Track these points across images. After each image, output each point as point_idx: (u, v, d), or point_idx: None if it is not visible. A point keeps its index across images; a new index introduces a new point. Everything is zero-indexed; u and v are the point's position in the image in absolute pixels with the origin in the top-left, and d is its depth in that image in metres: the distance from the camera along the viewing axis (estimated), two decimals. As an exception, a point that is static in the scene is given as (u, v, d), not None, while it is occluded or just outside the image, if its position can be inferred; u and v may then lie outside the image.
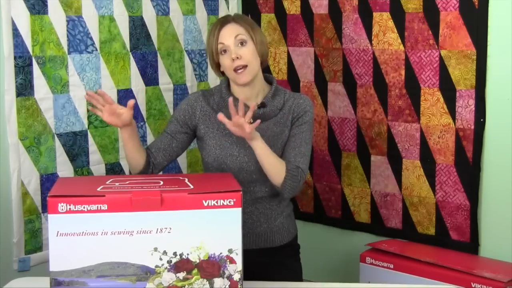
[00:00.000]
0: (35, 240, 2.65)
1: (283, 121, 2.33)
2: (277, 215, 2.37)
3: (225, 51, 2.28)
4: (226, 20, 2.32)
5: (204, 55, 3.26)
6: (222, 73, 2.37)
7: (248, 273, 1.97)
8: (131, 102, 2.19)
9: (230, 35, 2.27)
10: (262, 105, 2.31)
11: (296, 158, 2.27)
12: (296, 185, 2.25)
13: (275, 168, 2.23)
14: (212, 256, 1.74)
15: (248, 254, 2.07)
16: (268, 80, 2.39)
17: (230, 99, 2.10)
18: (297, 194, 2.35)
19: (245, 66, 2.25)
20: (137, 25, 2.94)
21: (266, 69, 3.27)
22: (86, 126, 2.79)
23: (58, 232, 1.67)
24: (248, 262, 1.98)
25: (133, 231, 1.70)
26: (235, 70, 2.25)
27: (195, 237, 1.72)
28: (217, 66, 2.35)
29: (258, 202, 2.33)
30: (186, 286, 1.74)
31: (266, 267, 2.36)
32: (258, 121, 2.12)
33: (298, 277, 2.43)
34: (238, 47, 2.26)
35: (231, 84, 2.36)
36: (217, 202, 1.72)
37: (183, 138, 2.37)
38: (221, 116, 2.11)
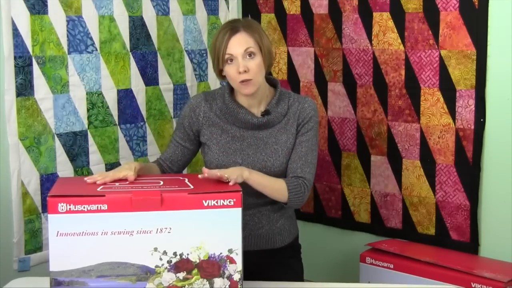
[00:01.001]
0: (35, 240, 2.65)
1: (288, 127, 2.30)
2: (278, 217, 2.36)
3: (231, 60, 2.22)
4: (236, 28, 2.23)
5: (204, 55, 3.26)
6: (223, 77, 2.33)
7: (250, 274, 1.97)
8: (130, 178, 2.00)
9: (239, 46, 2.20)
10: (266, 113, 2.28)
11: (303, 168, 2.26)
12: (301, 198, 2.24)
13: (276, 193, 2.22)
14: (212, 256, 1.74)
15: (249, 255, 2.07)
16: (272, 83, 2.36)
17: (205, 172, 1.94)
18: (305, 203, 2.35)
19: (250, 79, 2.20)
20: (137, 25, 2.94)
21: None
22: (86, 126, 2.79)
23: (58, 232, 1.67)
24: (249, 263, 1.97)
25: (133, 231, 1.70)
26: (240, 82, 2.21)
27: (195, 237, 1.72)
28: (219, 72, 2.29)
29: (260, 205, 2.32)
30: (186, 286, 1.74)
31: (268, 267, 2.36)
32: (234, 181, 1.97)
33: (299, 277, 2.42)
34: (246, 59, 2.20)
35: (234, 90, 2.33)
36: (217, 202, 1.72)
37: (193, 144, 2.36)
38: (205, 171, 1.96)
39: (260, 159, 2.26)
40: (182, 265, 1.72)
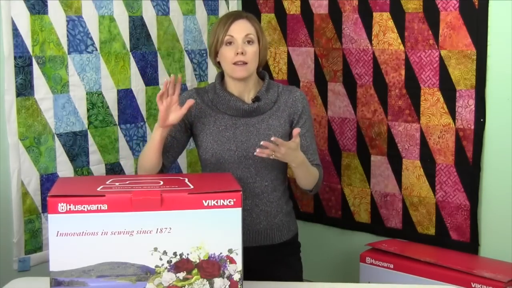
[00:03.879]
0: (35, 240, 2.65)
1: (278, 113, 2.36)
2: (276, 212, 2.38)
3: (230, 43, 2.30)
4: (240, 15, 2.35)
5: (204, 55, 3.26)
6: (218, 63, 2.39)
7: (249, 271, 1.97)
8: (191, 102, 2.22)
9: (241, 30, 2.30)
10: (256, 99, 2.35)
11: (313, 156, 2.37)
12: (320, 184, 2.39)
13: (312, 177, 2.33)
14: (212, 256, 1.74)
15: (248, 251, 2.08)
16: (260, 75, 2.43)
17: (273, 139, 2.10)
18: None
19: (245, 63, 2.28)
20: (137, 25, 2.94)
21: (266, 69, 3.27)
22: (86, 126, 2.79)
23: (58, 232, 1.67)
24: (248, 259, 1.98)
25: (133, 231, 1.70)
26: (235, 63, 2.28)
27: (195, 237, 1.72)
28: (215, 56, 2.37)
29: (257, 197, 2.34)
30: (186, 286, 1.74)
31: (267, 264, 2.37)
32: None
33: (298, 275, 2.43)
34: (245, 44, 2.30)
35: (225, 80, 2.38)
36: (217, 202, 1.72)
37: (183, 137, 2.39)
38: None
39: (253, 145, 2.30)
40: (182, 265, 1.72)
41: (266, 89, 2.37)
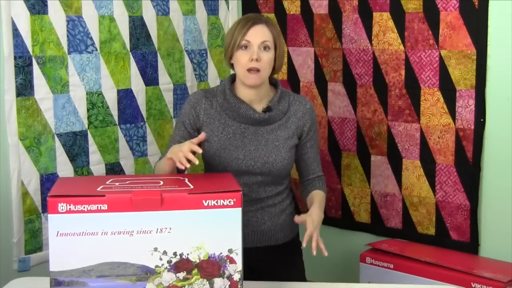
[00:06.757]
0: (35, 240, 2.65)
1: (288, 125, 2.34)
2: (280, 212, 2.39)
3: (246, 47, 2.26)
4: (259, 19, 2.30)
5: (204, 55, 3.26)
6: (232, 66, 2.36)
7: (255, 272, 1.97)
8: (202, 136, 2.15)
9: (258, 36, 2.26)
10: (267, 109, 2.32)
11: (319, 167, 2.45)
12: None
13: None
14: (212, 256, 1.74)
15: (253, 252, 2.08)
16: (272, 82, 2.39)
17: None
18: None
19: (258, 70, 2.25)
20: (137, 25, 2.94)
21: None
22: (86, 126, 2.79)
23: (58, 232, 1.67)
24: (254, 260, 1.98)
25: (133, 231, 1.70)
26: (249, 70, 2.25)
27: (195, 237, 1.72)
28: (230, 58, 2.34)
29: (263, 201, 2.35)
30: (186, 286, 1.74)
31: (272, 264, 2.37)
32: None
33: (302, 274, 2.45)
34: (260, 50, 2.26)
35: (236, 85, 2.35)
36: (217, 202, 1.72)
37: None
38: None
39: (262, 155, 2.28)
40: (182, 265, 1.72)
41: (279, 98, 2.34)
